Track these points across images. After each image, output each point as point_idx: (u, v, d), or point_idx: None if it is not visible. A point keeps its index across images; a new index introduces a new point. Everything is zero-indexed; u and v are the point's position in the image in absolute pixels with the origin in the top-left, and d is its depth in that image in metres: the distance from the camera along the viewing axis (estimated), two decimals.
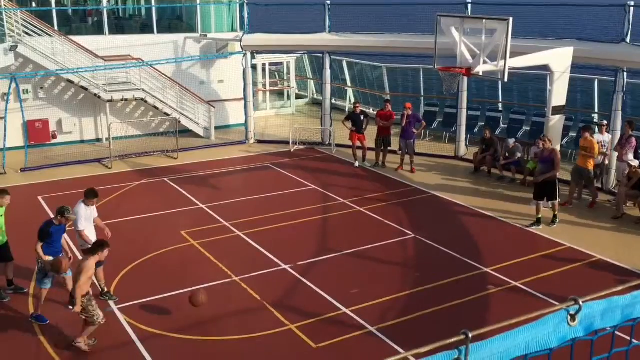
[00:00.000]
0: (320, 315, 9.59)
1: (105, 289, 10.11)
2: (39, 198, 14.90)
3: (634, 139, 14.19)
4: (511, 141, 16.64)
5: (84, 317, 8.49)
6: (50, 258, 9.29)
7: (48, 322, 9.34)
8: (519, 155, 16.41)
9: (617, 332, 2.51)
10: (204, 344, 8.96)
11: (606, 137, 14.67)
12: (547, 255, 11.95)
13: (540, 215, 13.35)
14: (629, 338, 2.64)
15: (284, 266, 11.37)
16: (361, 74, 25.39)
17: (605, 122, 15.07)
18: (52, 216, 9.70)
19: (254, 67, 21.68)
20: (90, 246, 9.28)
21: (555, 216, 13.38)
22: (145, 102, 20.42)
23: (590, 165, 14.20)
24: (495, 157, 16.72)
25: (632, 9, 14.37)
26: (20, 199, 13.19)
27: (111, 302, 9.94)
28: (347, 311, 9.71)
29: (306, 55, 25.75)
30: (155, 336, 9.08)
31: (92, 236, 9.92)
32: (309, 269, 11.26)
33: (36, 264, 9.63)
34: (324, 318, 9.54)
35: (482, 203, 14.80)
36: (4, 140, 17.63)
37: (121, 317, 9.58)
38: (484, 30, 12.83)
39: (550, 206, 13.39)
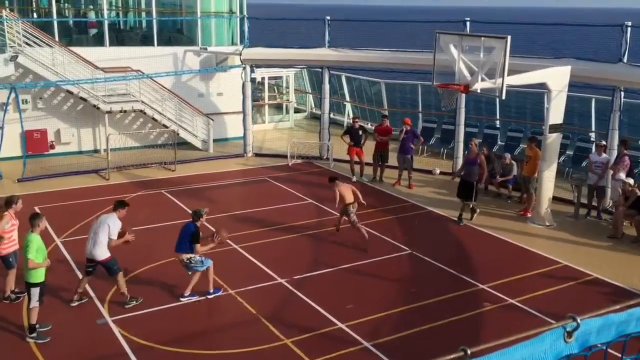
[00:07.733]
0: (315, 330, 9.56)
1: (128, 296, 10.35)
2: (36, 208, 14.83)
3: (627, 158, 14.24)
4: (507, 157, 16.66)
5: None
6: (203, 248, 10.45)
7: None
8: (514, 172, 16.43)
9: (609, 350, 2.52)
10: (198, 357, 8.91)
11: (603, 157, 14.66)
12: (543, 273, 11.94)
13: (461, 212, 14.62)
14: (620, 355, 2.65)
15: (279, 280, 11.35)
16: (360, 89, 25.49)
17: (603, 142, 15.05)
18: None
19: (253, 80, 21.77)
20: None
21: (473, 210, 14.70)
22: (144, 113, 20.46)
23: (531, 172, 15.06)
24: (492, 174, 16.74)
25: (629, 29, 14.50)
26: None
27: (105, 314, 9.89)
28: (343, 326, 9.67)
29: (305, 69, 25.87)
30: (148, 348, 9.03)
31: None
32: (305, 283, 11.24)
33: (187, 264, 10.50)
34: (319, 333, 9.50)
35: (479, 220, 14.80)
36: None
37: (115, 328, 9.54)
38: (482, 48, 12.92)
39: (471, 206, 14.67)
